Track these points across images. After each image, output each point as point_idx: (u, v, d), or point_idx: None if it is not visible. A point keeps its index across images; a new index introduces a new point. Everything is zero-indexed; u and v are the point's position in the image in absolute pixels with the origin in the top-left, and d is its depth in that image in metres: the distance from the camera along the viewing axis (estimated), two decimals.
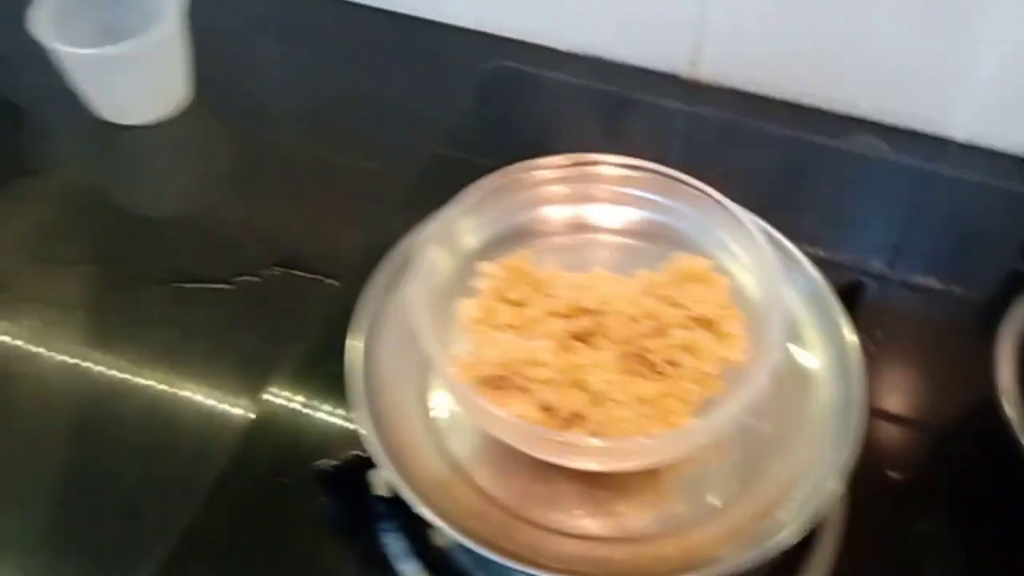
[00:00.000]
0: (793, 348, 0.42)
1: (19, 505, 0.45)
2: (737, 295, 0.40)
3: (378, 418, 0.40)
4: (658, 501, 0.39)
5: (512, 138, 0.61)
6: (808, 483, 0.37)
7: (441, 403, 0.41)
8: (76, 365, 0.50)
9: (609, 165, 0.43)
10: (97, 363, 0.50)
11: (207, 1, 0.59)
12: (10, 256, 0.55)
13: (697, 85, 0.64)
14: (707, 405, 0.38)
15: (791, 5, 0.58)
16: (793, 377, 0.41)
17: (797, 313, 0.42)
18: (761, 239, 0.39)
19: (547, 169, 0.43)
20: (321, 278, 0.54)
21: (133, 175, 0.61)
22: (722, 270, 0.41)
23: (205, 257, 0.55)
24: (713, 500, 0.39)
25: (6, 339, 0.50)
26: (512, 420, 0.35)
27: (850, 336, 0.41)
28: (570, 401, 0.37)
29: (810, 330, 0.42)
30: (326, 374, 0.49)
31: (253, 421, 0.47)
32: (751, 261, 0.39)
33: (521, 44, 0.67)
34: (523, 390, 0.38)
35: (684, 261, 0.41)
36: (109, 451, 0.47)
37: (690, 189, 0.41)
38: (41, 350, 0.50)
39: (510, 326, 0.40)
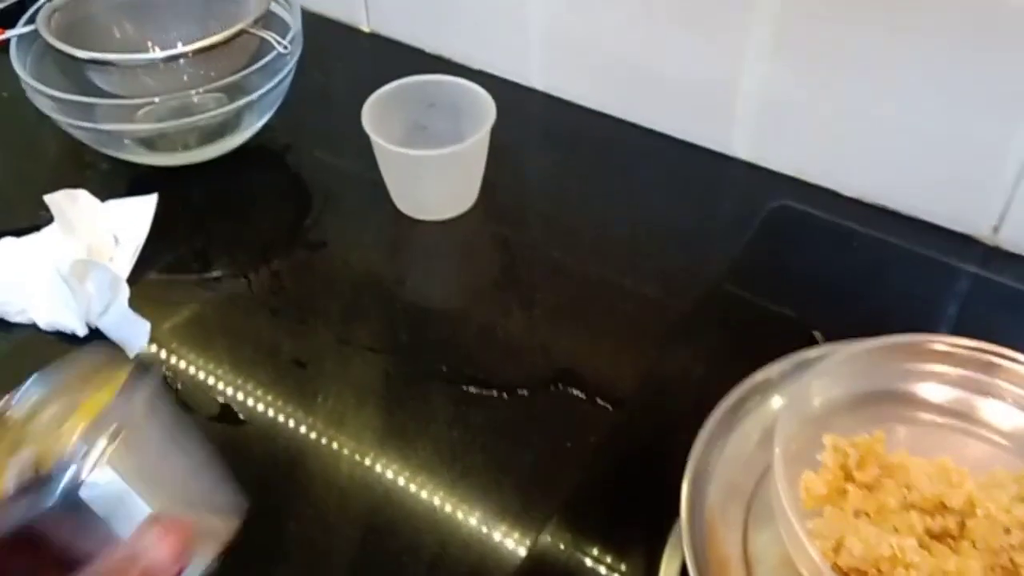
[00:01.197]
0: None
1: None
2: None
3: (701, 570, 0.38)
4: None
5: (794, 281, 0.60)
6: None
7: (765, 562, 0.39)
8: (367, 455, 0.50)
9: (998, 357, 0.41)
10: (386, 457, 0.50)
11: (500, 113, 0.61)
12: (316, 333, 0.57)
13: (997, 252, 0.61)
14: None
15: None
16: None
17: None
18: None
19: (917, 346, 0.41)
20: (595, 400, 0.53)
21: (423, 268, 0.63)
22: None
23: (485, 361, 0.56)
24: None
25: (308, 419, 0.52)
26: None
27: None
28: None
29: None
30: (607, 510, 0.48)
31: (532, 552, 0.46)
32: None
33: (803, 184, 0.66)
34: None
35: None
36: (394, 546, 0.46)
37: None
38: (336, 434, 0.51)
39: (863, 512, 0.38)
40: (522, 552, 0.46)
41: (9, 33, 0.62)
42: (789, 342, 0.50)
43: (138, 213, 0.60)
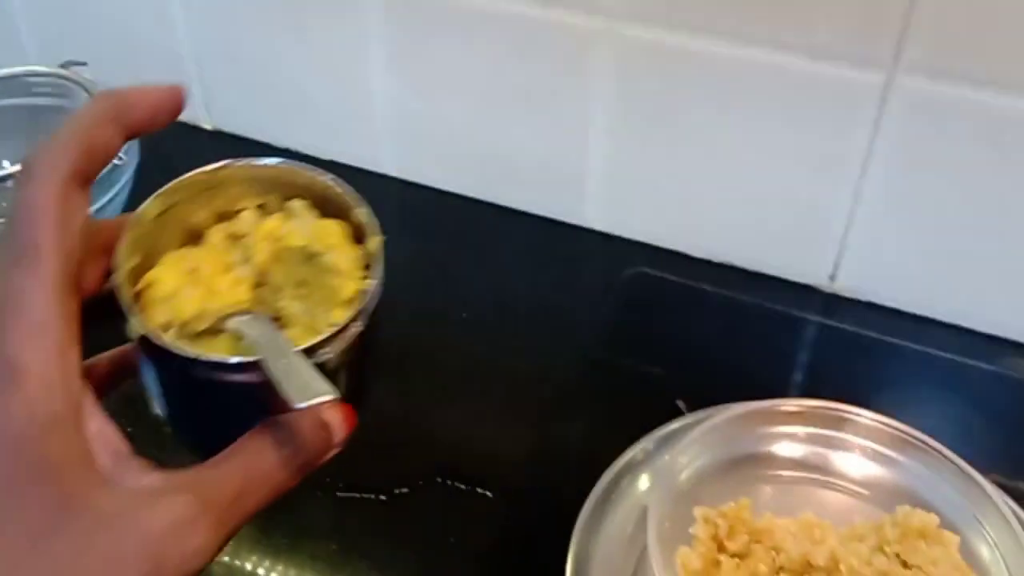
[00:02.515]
0: None
1: None
2: (967, 554, 0.39)
3: None
4: None
5: (657, 346, 0.61)
6: None
7: None
8: (246, 571, 0.48)
9: (843, 413, 0.43)
10: (266, 571, 0.48)
11: None
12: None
13: (836, 299, 0.65)
14: None
15: (937, 229, 0.59)
16: None
17: None
18: (1005, 505, 0.38)
19: (770, 411, 0.43)
20: (478, 490, 0.53)
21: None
22: (949, 526, 0.40)
23: (359, 463, 0.54)
24: None
25: None
26: None
27: None
28: None
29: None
30: None
31: None
32: (990, 526, 0.39)
33: (656, 249, 0.68)
34: None
35: (910, 516, 0.40)
36: None
37: (917, 443, 0.41)
38: None
39: None
40: None
41: None
42: (657, 408, 0.51)
43: None
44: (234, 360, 0.26)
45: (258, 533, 0.50)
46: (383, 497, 0.52)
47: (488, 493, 0.52)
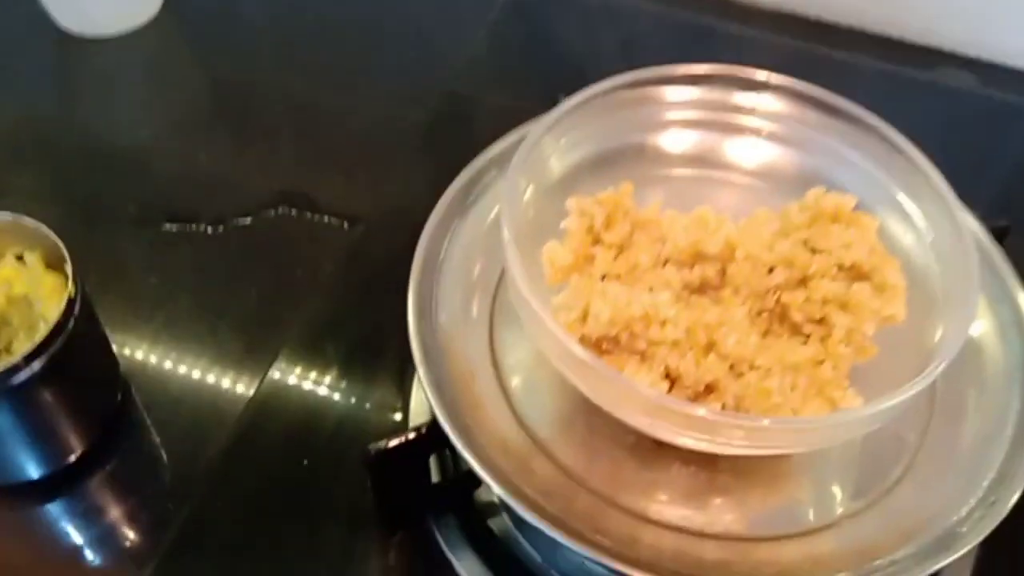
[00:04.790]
0: None
1: None
2: (886, 238, 0.33)
3: (442, 385, 0.32)
4: (780, 494, 0.32)
5: (538, 63, 0.52)
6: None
7: (518, 366, 0.33)
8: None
9: (740, 90, 0.35)
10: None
11: None
12: None
13: (759, 12, 0.56)
14: (856, 373, 0.31)
15: None
16: None
17: None
18: (937, 177, 0.31)
19: (660, 83, 0.35)
20: (327, 219, 0.45)
21: (98, 97, 0.51)
22: (867, 209, 0.33)
23: (191, 194, 0.46)
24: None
25: None
26: (655, 395, 0.28)
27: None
28: (704, 369, 0.29)
29: None
30: (348, 339, 0.41)
31: (259, 394, 0.38)
32: (918, 203, 0.32)
33: None
34: (641, 354, 0.30)
35: (822, 199, 0.33)
36: None
37: (830, 108, 0.33)
38: None
39: (612, 275, 0.32)
40: (256, 389, 0.39)
41: None
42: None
43: None
44: None
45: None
46: (220, 229, 0.44)
47: (341, 222, 0.45)
